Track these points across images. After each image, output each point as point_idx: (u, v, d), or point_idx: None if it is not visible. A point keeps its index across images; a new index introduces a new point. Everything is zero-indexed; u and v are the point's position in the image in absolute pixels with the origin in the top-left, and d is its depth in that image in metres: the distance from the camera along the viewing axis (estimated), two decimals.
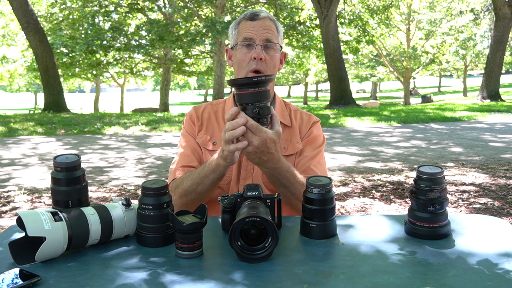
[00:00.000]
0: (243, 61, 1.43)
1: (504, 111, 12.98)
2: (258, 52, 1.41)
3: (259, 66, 1.41)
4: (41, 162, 6.05)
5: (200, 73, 28.70)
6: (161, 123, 10.41)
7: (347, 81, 16.45)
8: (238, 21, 1.48)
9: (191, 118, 1.56)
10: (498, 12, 16.49)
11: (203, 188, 1.32)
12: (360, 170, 5.26)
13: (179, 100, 51.11)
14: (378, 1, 21.93)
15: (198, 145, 1.52)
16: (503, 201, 3.82)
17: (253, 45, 1.42)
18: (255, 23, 1.43)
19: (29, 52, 18.74)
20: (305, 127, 1.55)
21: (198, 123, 1.54)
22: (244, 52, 1.43)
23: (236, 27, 1.48)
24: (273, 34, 1.44)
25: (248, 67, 1.42)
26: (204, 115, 1.55)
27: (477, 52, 31.01)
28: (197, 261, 0.97)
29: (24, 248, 0.96)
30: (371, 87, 41.91)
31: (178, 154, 1.53)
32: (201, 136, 1.52)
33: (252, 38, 1.42)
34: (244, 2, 20.10)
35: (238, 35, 1.46)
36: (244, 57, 1.43)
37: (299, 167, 1.47)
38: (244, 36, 1.43)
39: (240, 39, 1.44)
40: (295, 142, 1.51)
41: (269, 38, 1.42)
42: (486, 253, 0.98)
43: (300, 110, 1.60)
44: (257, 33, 1.42)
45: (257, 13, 1.45)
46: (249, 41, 1.42)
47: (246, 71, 1.43)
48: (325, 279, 0.87)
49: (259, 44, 1.41)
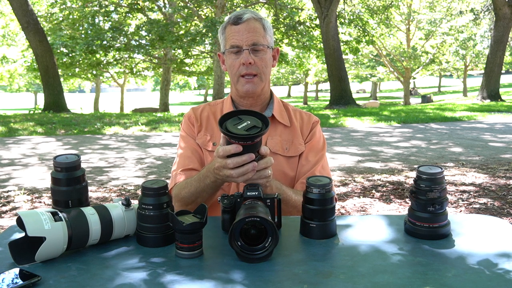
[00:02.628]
0: (233, 67, 1.44)
1: (504, 111, 12.98)
2: (245, 57, 1.41)
3: (249, 71, 1.42)
4: (41, 162, 6.05)
5: (200, 73, 28.70)
6: (161, 123, 10.41)
7: (347, 81, 16.45)
8: (224, 25, 1.48)
9: (190, 119, 1.56)
10: (498, 12, 16.49)
11: (202, 200, 1.34)
12: (360, 170, 5.26)
13: (179, 100, 51.10)
14: (378, 1, 21.93)
15: (198, 145, 1.52)
16: (503, 201, 3.82)
17: (241, 50, 1.42)
18: (240, 28, 1.42)
19: (29, 52, 18.71)
20: (306, 128, 1.55)
21: (197, 123, 1.54)
22: (233, 58, 1.44)
23: (223, 32, 1.48)
24: (259, 34, 1.43)
25: (239, 72, 1.44)
26: (203, 115, 1.55)
27: (477, 52, 31.00)
28: (197, 261, 0.97)
29: (24, 248, 0.96)
30: (371, 87, 41.90)
31: (178, 156, 1.53)
32: (201, 136, 1.52)
33: (238, 45, 1.42)
34: (244, 2, 20.09)
35: (226, 41, 1.46)
36: (234, 63, 1.44)
37: (303, 172, 1.48)
38: (231, 44, 1.43)
39: (228, 46, 1.44)
40: (297, 144, 1.51)
41: (255, 41, 1.41)
42: (486, 253, 0.98)
43: (299, 110, 1.60)
44: (242, 38, 1.41)
45: (240, 16, 1.43)
46: (236, 47, 1.42)
47: (237, 77, 1.45)
48: (325, 279, 0.87)
49: (246, 48, 1.41)
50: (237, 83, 1.46)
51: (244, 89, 1.45)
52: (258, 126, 1.08)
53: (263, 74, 1.45)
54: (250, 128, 1.07)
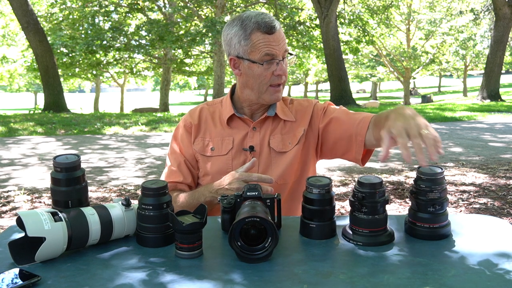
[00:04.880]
0: (264, 76, 1.38)
1: (504, 111, 12.98)
2: (283, 69, 1.38)
3: (281, 81, 1.41)
4: (41, 162, 6.04)
5: (200, 73, 28.69)
6: (161, 123, 10.40)
7: (347, 81, 16.44)
8: (248, 31, 1.35)
9: (186, 127, 1.51)
10: (498, 12, 16.48)
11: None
12: (360, 170, 5.26)
13: (179, 100, 51.08)
14: (378, 1, 21.93)
15: (193, 154, 1.49)
16: (503, 201, 3.82)
17: (275, 61, 1.36)
18: (274, 37, 1.35)
19: (29, 52, 18.72)
20: (309, 110, 1.52)
21: (195, 129, 1.51)
22: (265, 68, 1.37)
23: (247, 37, 1.36)
24: (285, 42, 1.41)
25: (270, 82, 1.40)
26: (202, 117, 1.52)
27: (477, 52, 31.00)
28: (197, 261, 0.97)
29: (24, 248, 0.96)
30: (371, 87, 41.89)
31: (167, 166, 1.52)
32: (198, 142, 1.49)
33: (274, 54, 1.36)
34: (244, 2, 20.09)
35: (254, 48, 1.35)
36: (265, 72, 1.37)
37: (348, 128, 1.43)
38: (266, 52, 1.35)
39: (259, 55, 1.35)
40: (297, 133, 1.49)
41: (287, 49, 1.40)
42: (486, 253, 0.98)
43: (295, 99, 1.59)
44: (278, 47, 1.36)
45: (272, 24, 1.35)
46: (272, 57, 1.36)
47: (267, 86, 1.40)
48: (325, 279, 0.87)
49: (281, 59, 1.37)
50: (265, 92, 1.41)
51: (273, 98, 1.43)
52: None
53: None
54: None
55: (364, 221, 1.05)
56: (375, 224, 1.05)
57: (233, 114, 1.49)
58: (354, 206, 1.06)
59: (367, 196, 1.03)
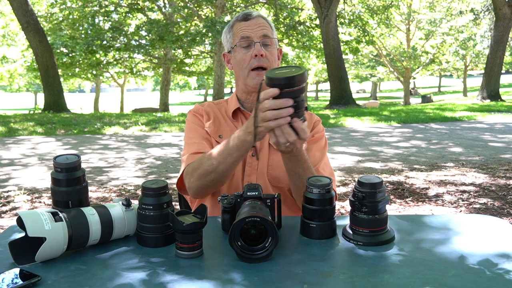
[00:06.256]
0: (244, 60, 1.43)
1: (504, 111, 12.98)
2: (258, 49, 1.41)
3: (261, 63, 1.41)
4: (41, 162, 6.05)
5: (200, 73, 28.71)
6: (161, 123, 10.41)
7: (347, 81, 16.45)
8: (231, 24, 1.49)
9: (197, 111, 1.55)
10: (498, 12, 16.49)
11: (224, 167, 1.25)
12: (360, 170, 5.26)
13: (179, 100, 51.09)
14: (378, 1, 21.93)
15: (208, 133, 1.50)
16: (503, 201, 3.82)
17: (252, 43, 1.42)
18: (250, 22, 1.44)
19: (29, 52, 18.74)
20: (311, 122, 1.55)
21: (206, 115, 1.54)
22: (243, 52, 1.43)
23: (230, 30, 1.48)
24: (269, 30, 1.45)
25: (249, 66, 1.42)
26: (209, 110, 1.56)
27: (477, 52, 31.03)
28: (197, 261, 0.97)
29: (24, 248, 0.96)
30: (371, 87, 41.91)
31: (189, 144, 1.48)
32: (210, 126, 1.51)
33: (249, 36, 1.42)
34: (244, 2, 20.09)
35: (234, 37, 1.46)
36: (244, 56, 1.42)
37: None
38: (241, 35, 1.43)
39: (237, 40, 1.44)
40: None
41: (266, 34, 1.43)
42: (486, 253, 0.98)
43: None
44: (253, 30, 1.42)
45: (249, 13, 1.46)
46: (247, 39, 1.42)
47: (248, 70, 1.43)
48: (325, 279, 0.87)
49: (257, 41, 1.41)
50: (247, 77, 1.44)
51: (255, 82, 1.43)
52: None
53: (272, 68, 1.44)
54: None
55: (364, 221, 1.05)
56: (375, 224, 1.05)
57: (238, 108, 1.52)
58: (354, 206, 1.06)
59: (367, 196, 1.03)
